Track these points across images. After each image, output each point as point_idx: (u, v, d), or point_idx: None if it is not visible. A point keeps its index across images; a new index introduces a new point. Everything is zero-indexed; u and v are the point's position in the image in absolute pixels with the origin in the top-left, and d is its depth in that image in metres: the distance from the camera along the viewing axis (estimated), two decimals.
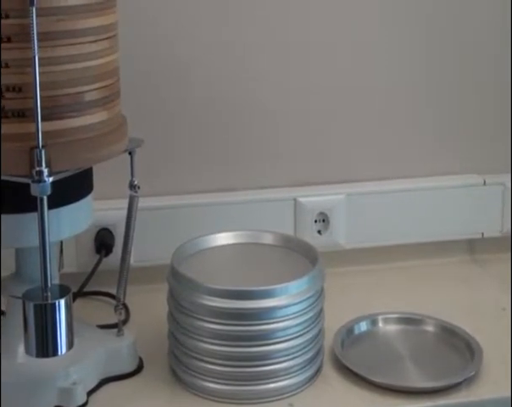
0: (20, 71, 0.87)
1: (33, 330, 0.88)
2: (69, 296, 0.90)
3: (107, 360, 1.01)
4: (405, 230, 1.30)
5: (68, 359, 0.95)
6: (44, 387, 0.96)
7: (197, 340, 0.97)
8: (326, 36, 1.24)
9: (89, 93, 0.92)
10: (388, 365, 1.03)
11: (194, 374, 0.99)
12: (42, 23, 0.86)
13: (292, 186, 1.28)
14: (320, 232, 1.28)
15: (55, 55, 0.88)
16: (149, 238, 1.19)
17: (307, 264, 1.03)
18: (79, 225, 0.98)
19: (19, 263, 1.00)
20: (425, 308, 1.14)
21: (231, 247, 1.08)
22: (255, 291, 0.96)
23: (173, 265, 1.01)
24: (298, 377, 0.99)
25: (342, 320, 1.10)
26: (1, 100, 0.87)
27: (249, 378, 0.97)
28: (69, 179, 0.91)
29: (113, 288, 1.07)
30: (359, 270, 1.28)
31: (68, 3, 0.88)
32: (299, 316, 0.97)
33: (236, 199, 1.25)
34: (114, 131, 0.95)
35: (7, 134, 0.89)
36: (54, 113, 0.89)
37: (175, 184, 1.25)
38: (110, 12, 0.93)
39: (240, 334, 0.96)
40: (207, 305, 0.96)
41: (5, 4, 0.86)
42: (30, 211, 0.89)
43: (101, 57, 0.92)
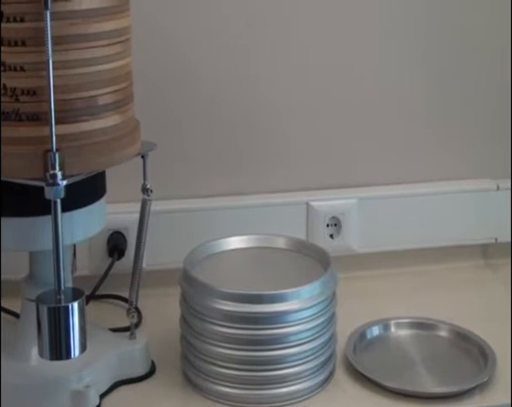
0: (35, 75, 0.88)
1: (47, 333, 0.88)
2: (82, 299, 0.90)
3: (119, 363, 1.02)
4: (418, 234, 1.30)
5: (81, 362, 0.95)
6: (57, 389, 0.97)
7: (209, 344, 0.98)
8: (337, 41, 1.25)
9: (102, 97, 0.92)
10: (400, 370, 1.03)
11: (206, 377, 0.99)
12: (56, 27, 0.87)
13: (304, 190, 1.28)
14: (333, 236, 1.28)
15: (69, 59, 0.89)
16: (162, 242, 1.20)
17: (319, 269, 1.03)
18: (92, 229, 0.99)
19: (32, 266, 1.00)
20: (437, 313, 1.14)
21: (244, 251, 1.08)
22: (267, 295, 0.96)
23: (185, 269, 1.01)
24: (310, 382, 0.99)
25: (354, 324, 1.10)
26: None
27: (261, 382, 0.97)
28: (83, 182, 0.92)
29: (125, 292, 1.08)
30: (372, 275, 1.28)
31: (81, 7, 0.89)
32: (311, 321, 0.98)
33: (248, 203, 1.25)
34: (126, 134, 0.96)
35: (21, 137, 0.89)
36: (68, 116, 0.90)
37: (187, 188, 1.25)
38: (123, 16, 0.94)
39: (252, 338, 0.96)
40: (219, 309, 0.96)
41: (20, 8, 0.86)
42: (44, 214, 0.90)
43: (114, 61, 0.93)
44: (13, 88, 0.88)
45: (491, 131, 1.32)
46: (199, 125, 1.24)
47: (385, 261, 1.29)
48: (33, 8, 0.87)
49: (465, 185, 1.32)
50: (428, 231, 1.31)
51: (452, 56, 1.29)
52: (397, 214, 1.29)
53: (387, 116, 1.29)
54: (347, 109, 1.28)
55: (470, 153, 1.33)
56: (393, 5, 1.25)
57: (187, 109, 1.23)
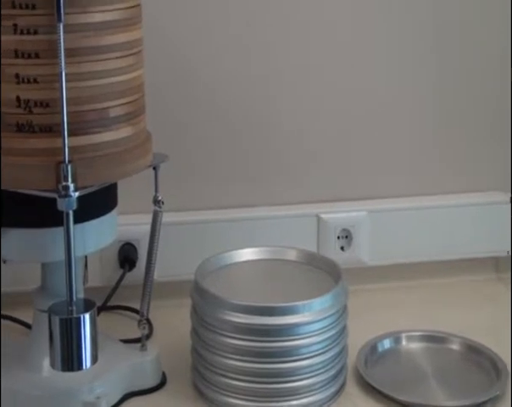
0: (48, 87, 0.89)
1: (58, 344, 0.89)
2: (93, 310, 0.90)
3: (130, 375, 1.02)
4: (429, 247, 1.30)
5: (92, 373, 0.95)
6: (68, 400, 0.97)
7: (220, 356, 0.98)
8: (348, 56, 1.25)
9: (114, 109, 0.93)
10: (412, 384, 1.03)
11: (217, 389, 0.99)
12: (69, 39, 0.88)
13: (314, 202, 1.28)
14: (343, 249, 1.28)
15: (81, 71, 0.90)
16: (173, 253, 1.20)
17: (330, 281, 1.03)
18: (103, 240, 0.99)
19: (44, 277, 1.01)
20: (449, 326, 1.13)
21: (255, 262, 1.08)
22: (278, 307, 0.96)
23: (196, 281, 1.02)
24: (321, 394, 0.99)
25: (365, 337, 1.10)
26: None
27: (272, 395, 0.97)
28: (95, 194, 0.92)
29: (136, 303, 1.08)
30: (383, 287, 1.28)
31: (94, 20, 0.90)
32: (322, 333, 0.98)
33: (259, 215, 1.26)
34: (138, 146, 0.96)
35: (34, 149, 0.90)
36: (80, 128, 0.91)
37: (198, 199, 1.25)
38: (135, 28, 0.95)
39: (263, 350, 0.96)
40: (230, 321, 0.96)
41: (34, 21, 0.87)
42: (56, 226, 0.90)
43: (126, 73, 0.94)
44: (27, 100, 0.89)
45: (503, 144, 1.31)
46: (211, 137, 1.25)
47: (396, 274, 1.29)
48: (46, 21, 0.87)
49: (477, 198, 1.32)
50: (439, 244, 1.30)
51: (462, 70, 1.29)
52: (408, 226, 1.29)
53: (398, 129, 1.29)
54: (358, 123, 1.28)
55: (482, 166, 1.33)
56: (402, 21, 1.26)
57: (199, 122, 1.24)
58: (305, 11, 1.23)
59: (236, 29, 1.22)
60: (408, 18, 1.26)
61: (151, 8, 1.00)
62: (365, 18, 1.25)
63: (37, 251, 0.96)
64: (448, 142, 1.32)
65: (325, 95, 1.26)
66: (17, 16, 0.87)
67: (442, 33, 1.27)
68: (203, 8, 1.20)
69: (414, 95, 1.29)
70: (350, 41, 1.25)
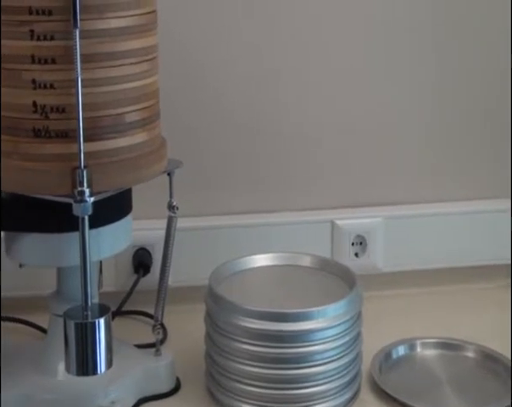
0: (64, 92, 0.89)
1: (73, 348, 0.89)
2: (108, 315, 0.91)
3: (144, 380, 1.02)
4: (444, 254, 1.30)
5: (107, 377, 0.96)
6: (83, 405, 0.97)
7: (233, 361, 0.98)
8: (361, 65, 1.26)
9: (129, 115, 0.93)
10: (427, 391, 1.03)
11: (231, 395, 0.99)
12: (85, 45, 0.89)
13: (329, 208, 1.28)
14: (358, 255, 1.28)
15: (97, 77, 0.90)
16: (187, 259, 1.20)
17: (344, 288, 1.03)
18: (118, 245, 0.99)
19: (60, 282, 1.01)
20: (463, 333, 1.13)
21: (269, 268, 1.09)
22: (293, 313, 0.97)
23: (211, 286, 1.02)
24: (335, 401, 0.99)
25: (379, 343, 1.10)
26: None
27: (286, 400, 0.97)
28: (110, 199, 0.93)
29: (150, 308, 1.09)
30: (397, 294, 1.28)
31: (109, 26, 0.90)
32: (337, 340, 0.98)
33: (273, 221, 1.26)
34: (153, 152, 0.97)
35: (50, 154, 0.91)
36: (96, 134, 0.91)
37: (213, 205, 1.26)
38: (150, 34, 0.95)
39: (277, 356, 0.96)
40: (244, 327, 0.97)
41: (50, 27, 0.88)
42: (72, 231, 0.91)
43: (141, 79, 0.94)
44: (43, 105, 0.90)
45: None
46: (225, 143, 1.25)
47: (410, 280, 1.29)
48: (63, 27, 0.88)
49: (491, 205, 1.32)
50: (453, 251, 1.30)
51: (468, 81, 1.29)
52: (422, 233, 1.29)
53: (412, 138, 1.30)
54: (373, 131, 1.28)
55: (496, 173, 1.33)
56: (406, 32, 1.26)
57: (214, 129, 1.25)
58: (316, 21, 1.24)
59: (248, 36, 1.22)
60: (411, 29, 1.26)
61: (166, 14, 1.01)
62: (373, 30, 1.26)
63: (53, 256, 0.96)
64: (461, 151, 1.31)
65: (340, 102, 1.27)
66: (34, 22, 0.88)
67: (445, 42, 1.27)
68: (217, 16, 1.21)
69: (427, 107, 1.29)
70: (361, 51, 1.26)
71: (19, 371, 1.01)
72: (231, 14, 1.21)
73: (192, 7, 1.20)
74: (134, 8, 0.92)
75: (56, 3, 0.88)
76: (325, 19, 1.24)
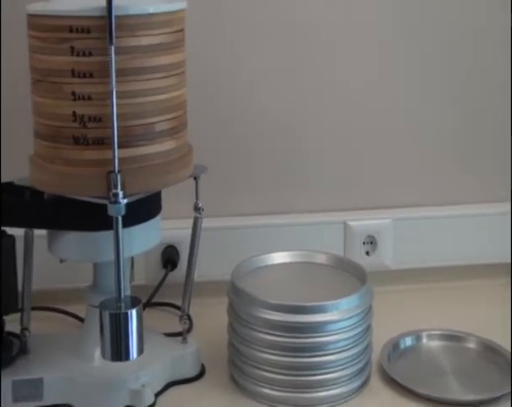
0: (101, 103, 0.90)
1: (108, 336, 0.90)
2: (139, 306, 0.91)
3: (172, 365, 1.03)
4: (448, 253, 1.30)
5: (138, 363, 0.96)
6: (117, 388, 0.98)
7: (254, 350, 0.99)
8: (372, 75, 1.26)
9: (159, 124, 0.94)
10: (431, 379, 1.03)
11: (251, 380, 1.00)
12: (119, 60, 0.89)
13: (342, 210, 1.28)
14: (368, 253, 1.28)
15: (129, 89, 0.91)
16: (212, 255, 1.20)
17: (356, 283, 1.03)
18: (149, 243, 1.00)
19: (96, 275, 1.02)
20: (466, 326, 1.13)
21: (287, 265, 1.09)
22: (309, 306, 0.97)
23: (233, 281, 1.02)
24: (347, 387, 0.99)
25: (388, 335, 1.10)
26: None
27: (302, 386, 0.98)
28: (141, 201, 0.93)
29: (178, 300, 1.09)
30: (405, 289, 1.27)
31: (141, 43, 0.91)
32: (349, 331, 0.98)
33: (290, 221, 1.26)
34: (180, 158, 0.97)
35: (88, 160, 0.92)
36: (128, 141, 0.92)
37: (235, 207, 1.26)
38: (179, 51, 0.96)
39: (294, 345, 0.97)
40: (264, 318, 0.97)
41: (89, 44, 0.89)
42: (107, 229, 0.91)
43: (170, 91, 0.95)
44: (82, 115, 0.91)
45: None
46: (247, 150, 1.26)
47: (417, 277, 1.29)
48: (100, 44, 0.89)
49: (492, 208, 1.31)
50: (457, 250, 1.30)
51: (476, 88, 1.29)
52: (428, 233, 1.29)
53: (421, 144, 1.29)
54: (383, 139, 1.28)
55: (497, 178, 1.32)
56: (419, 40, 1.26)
57: (236, 136, 1.25)
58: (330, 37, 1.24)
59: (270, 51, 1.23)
60: (417, 33, 1.26)
61: (193, 32, 1.01)
62: (387, 40, 1.25)
63: (90, 252, 0.97)
64: (466, 158, 1.31)
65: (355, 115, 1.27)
66: (74, 39, 0.89)
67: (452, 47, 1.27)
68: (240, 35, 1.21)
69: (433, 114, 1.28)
70: (374, 57, 1.25)
71: (59, 357, 1.02)
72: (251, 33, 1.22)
73: (217, 26, 1.20)
74: (164, 26, 0.93)
75: (94, 23, 0.89)
76: (342, 34, 1.24)
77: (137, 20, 0.91)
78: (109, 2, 0.87)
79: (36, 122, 0.96)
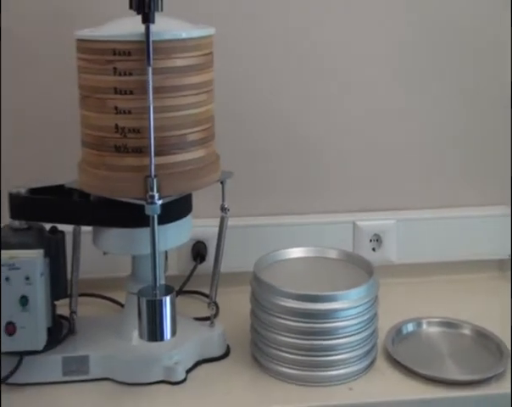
0: (139, 117, 0.91)
1: (145, 320, 0.91)
2: (173, 294, 0.92)
3: (201, 346, 1.03)
4: (446, 249, 1.29)
5: (171, 343, 0.97)
6: (153, 364, 0.98)
7: (273, 333, 0.99)
8: (382, 79, 1.25)
9: (191, 135, 0.95)
10: (431, 360, 1.02)
11: (271, 360, 1.00)
12: (156, 79, 0.90)
13: (351, 211, 1.28)
14: (375, 250, 1.27)
15: (165, 105, 0.92)
16: (236, 250, 1.19)
17: (364, 276, 1.03)
18: (181, 239, 1.00)
19: (134, 266, 1.03)
20: (462, 314, 1.12)
21: (302, 259, 1.09)
22: (322, 295, 0.97)
23: (255, 272, 1.03)
24: (356, 366, 0.99)
25: (392, 321, 1.09)
26: None
27: (316, 365, 0.98)
28: (174, 202, 0.94)
29: (206, 289, 1.09)
30: (407, 282, 1.26)
31: (175, 64, 0.92)
32: (357, 317, 0.98)
33: (305, 221, 1.26)
34: (209, 165, 0.98)
35: (128, 166, 0.93)
36: (163, 150, 0.93)
37: (257, 208, 1.26)
38: (208, 71, 0.97)
39: (309, 330, 0.97)
40: (282, 305, 0.97)
41: (129, 65, 0.90)
42: (144, 226, 0.92)
43: (200, 106, 0.95)
44: (123, 127, 0.92)
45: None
46: (267, 160, 1.25)
47: (418, 271, 1.28)
48: (139, 65, 0.90)
49: (486, 211, 1.30)
50: (454, 247, 1.29)
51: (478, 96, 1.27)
52: (428, 232, 1.28)
53: (423, 151, 1.28)
54: (389, 146, 1.27)
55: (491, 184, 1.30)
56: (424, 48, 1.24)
57: (258, 144, 1.24)
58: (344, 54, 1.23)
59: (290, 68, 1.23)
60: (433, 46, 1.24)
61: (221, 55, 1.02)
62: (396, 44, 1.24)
63: (129, 246, 0.97)
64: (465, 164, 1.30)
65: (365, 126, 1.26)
66: (116, 61, 0.91)
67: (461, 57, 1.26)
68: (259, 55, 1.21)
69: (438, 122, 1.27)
70: (384, 65, 1.24)
71: (102, 337, 1.02)
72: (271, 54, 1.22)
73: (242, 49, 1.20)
74: (195, 50, 0.94)
75: (134, 46, 0.90)
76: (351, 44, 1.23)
77: (172, 44, 0.91)
78: (147, 29, 0.89)
79: (83, 133, 0.97)
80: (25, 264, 0.94)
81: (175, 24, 0.95)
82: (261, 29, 1.21)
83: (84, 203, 0.98)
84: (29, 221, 0.99)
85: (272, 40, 1.21)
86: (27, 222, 0.99)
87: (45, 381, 0.97)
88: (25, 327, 0.94)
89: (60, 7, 1.15)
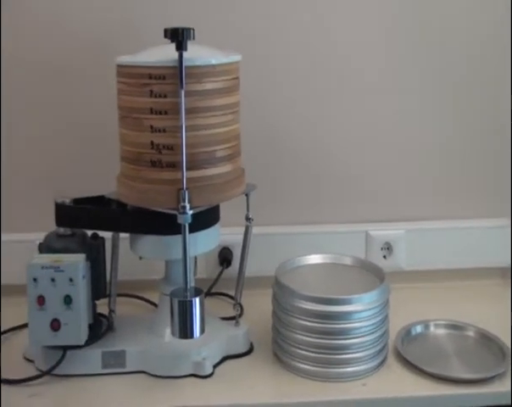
0: (173, 135, 0.92)
1: (177, 319, 0.91)
2: (202, 295, 0.92)
3: (227, 343, 1.03)
4: (452, 257, 1.27)
5: (200, 340, 0.97)
6: (183, 359, 0.98)
7: (293, 333, 0.98)
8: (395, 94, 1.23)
9: (219, 152, 0.95)
10: (437, 360, 1.01)
11: (291, 357, 0.99)
12: (188, 101, 0.91)
13: (364, 222, 1.27)
14: (385, 257, 1.26)
15: (195, 124, 0.93)
16: (259, 256, 1.19)
17: (376, 281, 1.02)
18: (209, 245, 1.00)
19: (167, 270, 1.03)
20: (466, 317, 1.11)
21: (320, 265, 1.08)
22: (337, 298, 0.96)
23: (276, 277, 1.02)
24: (369, 364, 0.98)
25: (402, 323, 1.08)
26: None
27: (332, 363, 0.97)
28: (203, 212, 0.94)
29: (231, 291, 1.09)
30: (416, 287, 1.25)
31: (205, 88, 0.92)
32: (370, 319, 0.97)
33: (322, 230, 1.25)
34: (235, 179, 0.98)
35: (162, 179, 0.93)
36: (194, 165, 0.93)
37: (278, 218, 1.25)
38: (234, 94, 0.97)
39: (326, 330, 0.96)
40: (301, 307, 0.97)
41: (164, 88, 0.91)
42: (176, 234, 0.92)
43: (227, 126, 0.96)
44: (158, 144, 0.92)
45: None
46: (287, 175, 1.25)
47: (426, 277, 1.27)
48: (173, 88, 0.91)
49: (489, 222, 1.28)
50: (459, 256, 1.27)
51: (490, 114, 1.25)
52: (435, 242, 1.27)
53: (430, 166, 1.27)
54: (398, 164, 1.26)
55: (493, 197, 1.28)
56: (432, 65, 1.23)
57: (278, 164, 1.24)
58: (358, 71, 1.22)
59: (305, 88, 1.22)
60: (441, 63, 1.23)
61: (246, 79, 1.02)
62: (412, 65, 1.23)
63: (163, 251, 0.98)
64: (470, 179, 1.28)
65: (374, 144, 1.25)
66: (152, 84, 0.91)
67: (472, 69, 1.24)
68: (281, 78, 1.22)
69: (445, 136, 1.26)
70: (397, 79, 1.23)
71: (138, 334, 1.02)
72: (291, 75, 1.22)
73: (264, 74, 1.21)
74: (222, 75, 0.94)
75: (168, 71, 0.91)
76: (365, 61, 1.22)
77: (202, 70, 0.92)
78: (180, 56, 0.89)
79: (121, 149, 0.97)
80: (69, 267, 0.94)
81: (206, 51, 0.95)
82: (281, 55, 1.21)
83: (122, 213, 0.98)
84: (72, 228, 1.00)
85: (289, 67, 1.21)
86: (71, 229, 1.00)
87: (86, 373, 0.98)
88: (68, 324, 0.95)
89: (104, 36, 1.16)
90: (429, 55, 1.23)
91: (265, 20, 1.19)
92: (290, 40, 1.20)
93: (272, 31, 1.20)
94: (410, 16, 1.21)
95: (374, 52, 1.22)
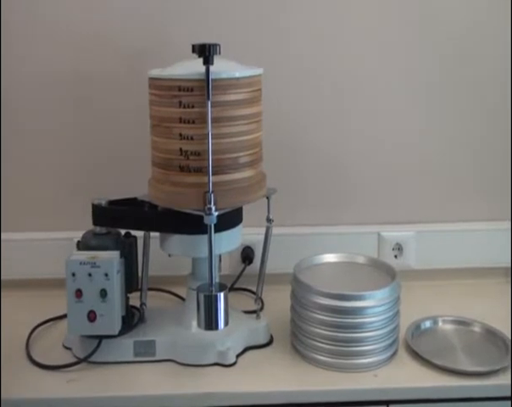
0: (200, 142, 0.92)
1: (203, 312, 0.91)
2: (226, 290, 0.92)
3: (249, 335, 1.02)
4: (459, 257, 1.25)
5: (224, 332, 0.97)
6: (208, 349, 0.98)
7: (310, 326, 0.98)
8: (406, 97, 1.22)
9: (242, 158, 0.95)
10: (445, 353, 1.00)
11: (308, 348, 0.99)
12: (214, 111, 0.91)
13: (376, 224, 1.26)
14: (396, 257, 1.25)
15: (221, 132, 0.93)
16: (279, 254, 1.18)
17: (388, 279, 1.01)
18: (233, 244, 1.00)
19: (194, 267, 1.03)
20: (472, 314, 1.09)
21: (335, 264, 1.08)
22: (352, 295, 0.96)
23: (295, 274, 1.02)
24: (381, 356, 0.97)
25: (412, 319, 1.07)
26: None
27: (346, 354, 0.96)
28: (228, 213, 0.94)
29: (253, 287, 1.09)
30: (425, 285, 1.23)
31: (230, 99, 0.92)
32: (382, 314, 0.96)
33: (337, 231, 1.24)
34: (257, 183, 0.98)
35: (190, 183, 0.93)
36: (220, 170, 0.93)
37: (297, 219, 1.24)
38: (257, 104, 0.97)
39: (340, 324, 0.96)
40: (318, 303, 0.96)
41: (192, 99, 0.91)
42: (202, 233, 0.93)
43: (250, 134, 0.96)
44: (186, 150, 0.93)
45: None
46: (305, 179, 1.24)
47: (435, 276, 1.25)
48: (200, 99, 0.91)
49: (493, 225, 1.26)
50: (466, 256, 1.25)
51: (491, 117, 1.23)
52: (443, 243, 1.25)
53: (439, 174, 1.25)
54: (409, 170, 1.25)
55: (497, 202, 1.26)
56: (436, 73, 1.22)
57: (296, 169, 1.23)
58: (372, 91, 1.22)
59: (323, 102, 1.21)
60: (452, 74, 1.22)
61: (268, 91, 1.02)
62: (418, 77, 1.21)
63: (190, 249, 0.98)
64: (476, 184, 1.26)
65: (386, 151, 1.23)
66: (181, 96, 0.92)
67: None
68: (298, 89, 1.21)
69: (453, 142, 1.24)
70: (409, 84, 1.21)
71: (167, 325, 1.03)
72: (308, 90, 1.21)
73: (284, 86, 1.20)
74: (246, 87, 0.94)
75: (196, 84, 0.91)
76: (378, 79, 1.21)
77: (227, 82, 0.92)
78: (207, 70, 0.90)
79: (153, 155, 0.98)
80: (105, 263, 0.95)
81: (231, 65, 0.95)
82: (301, 68, 1.20)
83: (153, 213, 0.98)
84: (108, 227, 1.01)
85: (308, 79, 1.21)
86: (106, 228, 1.01)
87: (119, 361, 0.98)
88: (103, 315, 0.95)
89: (136, 51, 1.17)
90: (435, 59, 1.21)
91: (286, 35, 1.18)
92: (309, 53, 1.19)
93: (292, 45, 1.19)
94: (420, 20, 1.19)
95: (392, 62, 1.21)
